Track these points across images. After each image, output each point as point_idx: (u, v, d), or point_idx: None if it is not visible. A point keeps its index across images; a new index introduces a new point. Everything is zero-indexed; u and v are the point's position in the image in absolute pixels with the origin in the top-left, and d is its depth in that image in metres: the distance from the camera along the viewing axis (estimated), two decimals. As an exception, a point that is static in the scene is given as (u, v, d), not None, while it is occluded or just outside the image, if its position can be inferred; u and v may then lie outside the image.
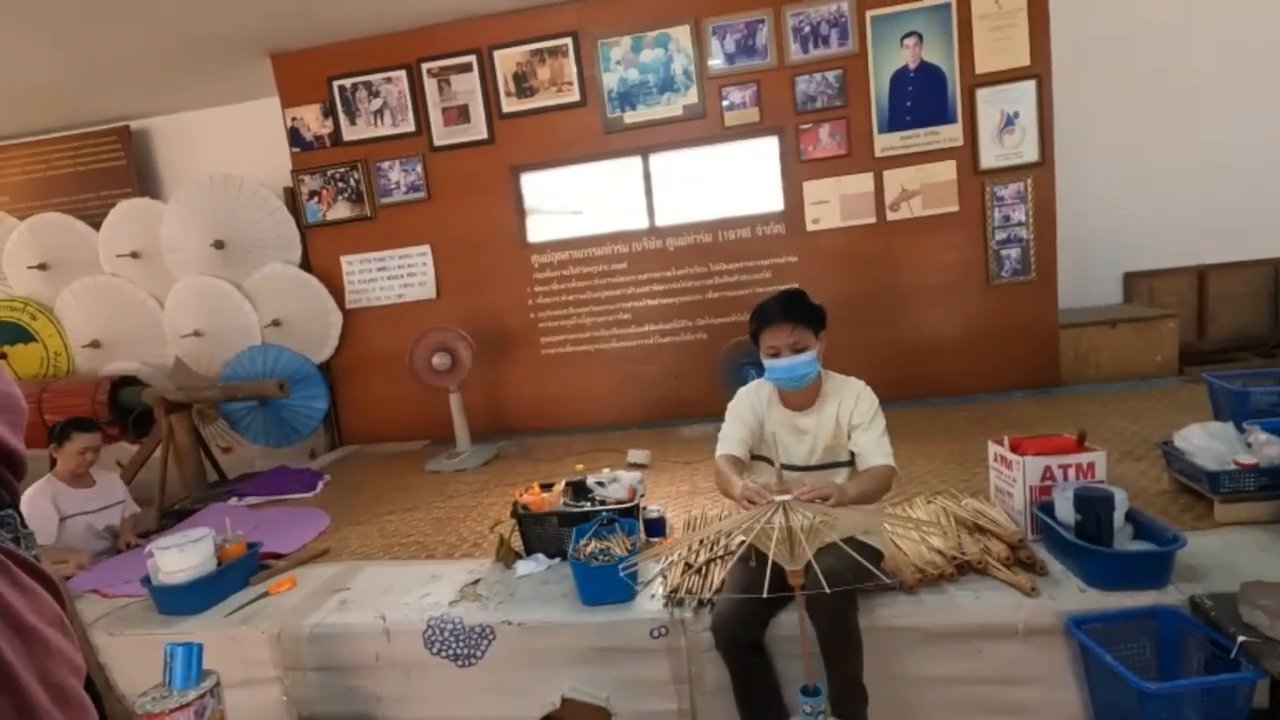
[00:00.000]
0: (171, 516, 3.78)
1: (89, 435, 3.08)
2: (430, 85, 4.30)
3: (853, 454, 1.97)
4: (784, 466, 2.00)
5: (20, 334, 4.72)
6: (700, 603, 2.00)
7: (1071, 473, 2.09)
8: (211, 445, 4.40)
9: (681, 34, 4.03)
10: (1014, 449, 2.22)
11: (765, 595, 1.49)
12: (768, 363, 1.96)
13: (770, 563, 1.57)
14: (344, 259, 4.58)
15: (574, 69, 4.15)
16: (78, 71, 4.32)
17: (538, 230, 4.42)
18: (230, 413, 4.42)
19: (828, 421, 2.00)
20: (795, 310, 1.92)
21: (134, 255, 4.55)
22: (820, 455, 2.00)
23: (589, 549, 2.19)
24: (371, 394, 4.71)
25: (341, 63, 4.36)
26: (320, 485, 3.81)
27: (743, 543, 1.94)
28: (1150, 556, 1.81)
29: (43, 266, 4.68)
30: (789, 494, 1.61)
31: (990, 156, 3.91)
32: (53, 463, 3.10)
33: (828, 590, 1.48)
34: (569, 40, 4.12)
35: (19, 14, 3.51)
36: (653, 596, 2.11)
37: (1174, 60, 4.24)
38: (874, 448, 1.93)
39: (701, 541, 2.29)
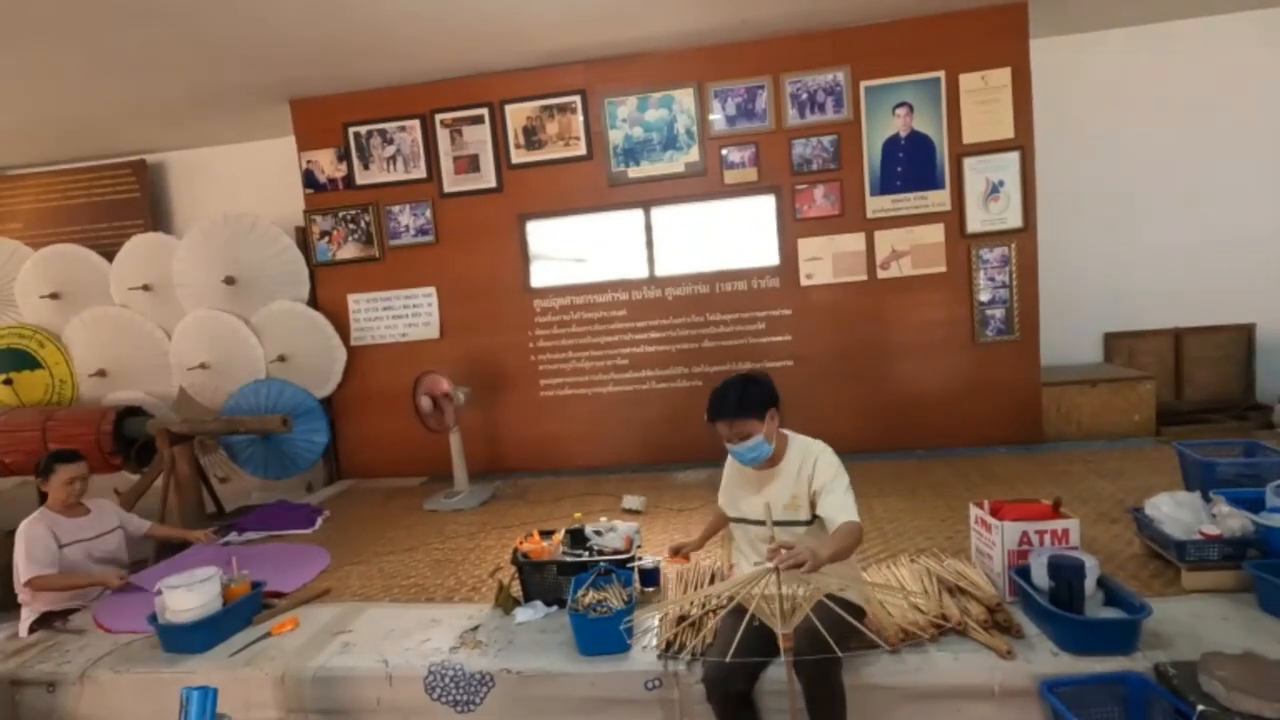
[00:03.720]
0: (170, 549, 3.82)
1: (72, 466, 3.07)
2: (442, 135, 4.48)
3: (814, 516, 2.07)
4: (745, 521, 2.18)
5: (27, 361, 4.79)
6: (693, 656, 2.09)
7: (1047, 538, 2.21)
8: (210, 476, 4.46)
9: (685, 96, 4.24)
10: (994, 513, 2.33)
11: (738, 659, 1.61)
12: (726, 446, 2.14)
13: (756, 621, 1.68)
14: (351, 297, 4.71)
15: (581, 125, 4.34)
16: (101, 110, 4.49)
17: (541, 276, 4.57)
18: (231, 444, 4.50)
19: (787, 481, 2.12)
20: (732, 406, 2.05)
21: (145, 288, 4.66)
22: (780, 512, 2.09)
23: (587, 600, 2.28)
24: (371, 429, 4.79)
25: (358, 110, 4.54)
26: (319, 521, 3.87)
27: (732, 598, 2.05)
28: (1119, 624, 1.92)
29: (54, 296, 4.78)
30: (770, 563, 1.72)
31: (976, 221, 4.10)
32: (42, 496, 3.14)
33: (815, 652, 1.58)
34: (578, 98, 4.32)
35: (51, 56, 3.66)
36: (644, 648, 2.19)
37: (1153, 132, 4.47)
38: (838, 507, 2.03)
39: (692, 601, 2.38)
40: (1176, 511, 2.37)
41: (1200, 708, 1.65)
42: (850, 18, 4.00)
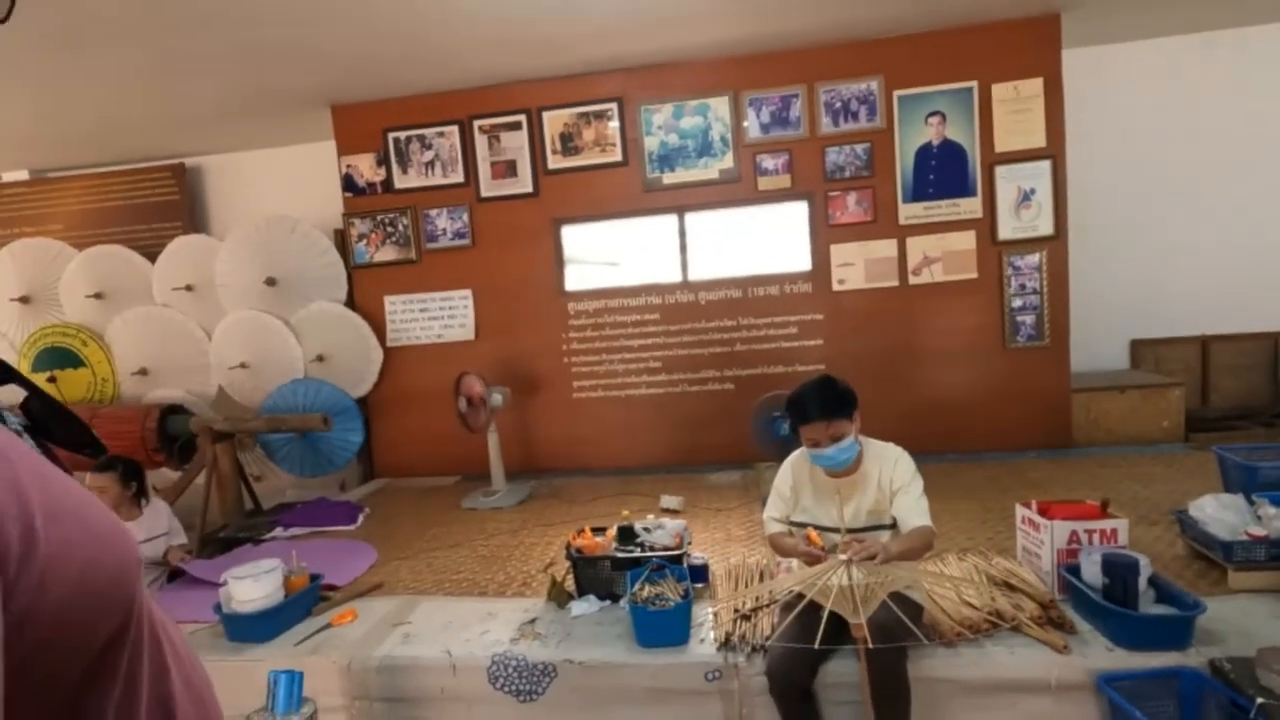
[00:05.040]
0: (214, 544, 3.90)
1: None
2: (480, 141, 4.57)
3: (894, 518, 2.13)
4: (830, 529, 2.17)
5: (71, 359, 4.90)
6: (753, 649, 2.14)
7: (1096, 538, 2.26)
8: (247, 472, 4.53)
9: (720, 104, 4.32)
10: (1041, 513, 2.39)
11: (820, 646, 1.66)
12: (811, 452, 2.13)
13: (827, 613, 1.73)
14: (387, 299, 4.80)
15: (618, 131, 4.42)
16: (143, 115, 4.59)
17: (575, 279, 4.65)
18: (269, 442, 4.58)
19: (870, 486, 2.15)
20: (830, 404, 2.06)
21: (188, 289, 4.76)
22: (864, 519, 2.15)
23: (644, 594, 2.34)
24: (406, 429, 4.87)
25: (398, 116, 4.63)
26: (360, 518, 3.94)
27: (802, 595, 2.10)
28: (1173, 620, 1.97)
29: (98, 296, 4.88)
30: (843, 555, 1.79)
31: (1008, 229, 4.16)
32: None
33: (882, 641, 1.64)
34: (614, 105, 4.41)
35: (97, 62, 3.76)
36: (701, 641, 2.25)
37: (1183, 141, 4.52)
38: (912, 509, 2.09)
39: (767, 593, 2.42)
40: (1221, 513, 2.42)
41: (1260, 700, 1.70)
42: (884, 28, 4.07)
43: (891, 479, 2.13)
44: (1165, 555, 2.62)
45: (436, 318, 4.75)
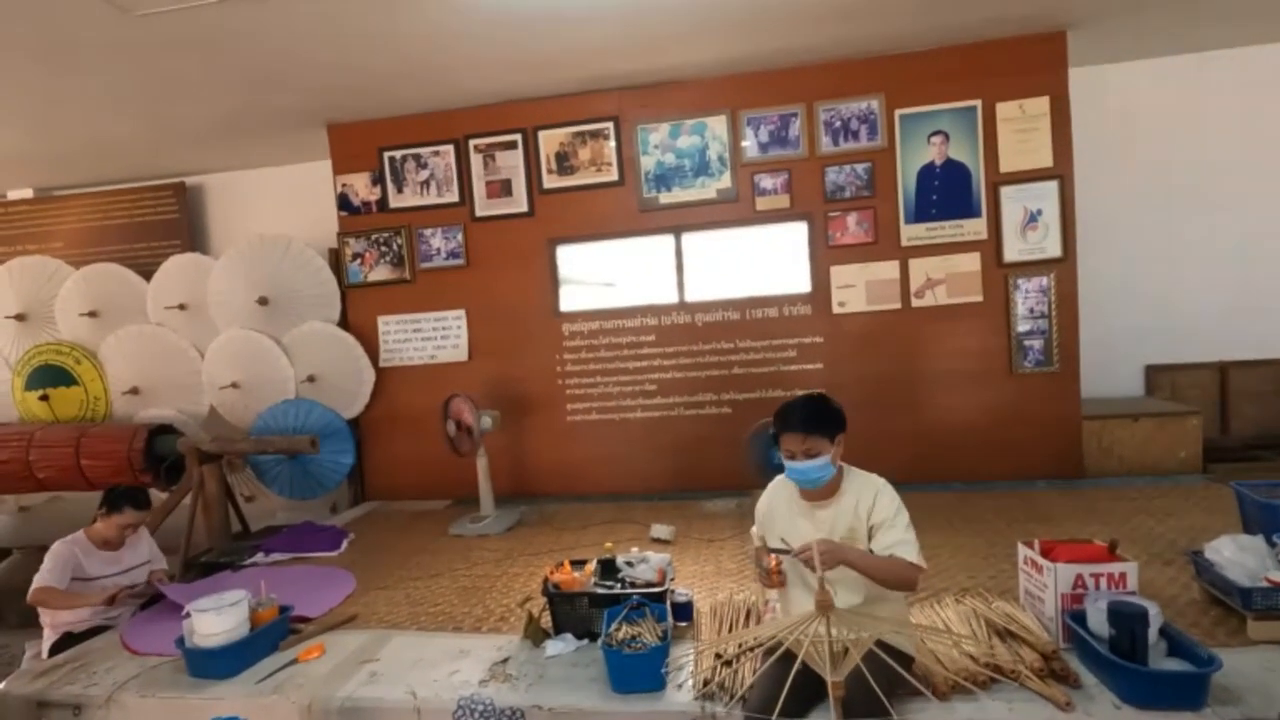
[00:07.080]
0: (196, 568, 3.82)
1: (139, 513, 3.06)
2: (476, 160, 4.52)
3: (871, 551, 2.00)
4: (784, 551, 2.04)
5: (64, 377, 4.87)
6: (732, 697, 2.01)
7: (1103, 582, 2.11)
8: (236, 494, 4.46)
9: (718, 123, 4.24)
10: (1045, 553, 2.24)
11: (780, 715, 1.53)
12: (786, 463, 2.04)
13: (798, 668, 1.60)
14: (381, 319, 4.74)
15: (614, 151, 4.36)
16: (145, 134, 4.60)
17: (570, 300, 4.56)
18: (258, 463, 4.51)
19: (844, 514, 2.04)
20: (810, 419, 1.99)
21: (181, 307, 4.72)
22: None
23: (620, 634, 2.21)
24: (397, 451, 4.78)
25: (393, 135, 4.60)
26: (345, 544, 3.84)
27: (779, 642, 1.96)
28: (1188, 678, 1.81)
29: (93, 314, 4.85)
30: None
31: (1014, 251, 4.03)
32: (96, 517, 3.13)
33: (866, 699, 1.51)
34: (610, 124, 4.35)
35: (98, 82, 3.77)
36: (679, 687, 2.12)
37: (1197, 162, 4.38)
38: (899, 543, 1.94)
39: (752, 638, 2.29)
40: (1240, 556, 2.26)
41: (1282, 772, 1.54)
42: (885, 46, 3.99)
43: (871, 510, 2.00)
44: (1180, 600, 2.45)
45: (430, 338, 4.68)
